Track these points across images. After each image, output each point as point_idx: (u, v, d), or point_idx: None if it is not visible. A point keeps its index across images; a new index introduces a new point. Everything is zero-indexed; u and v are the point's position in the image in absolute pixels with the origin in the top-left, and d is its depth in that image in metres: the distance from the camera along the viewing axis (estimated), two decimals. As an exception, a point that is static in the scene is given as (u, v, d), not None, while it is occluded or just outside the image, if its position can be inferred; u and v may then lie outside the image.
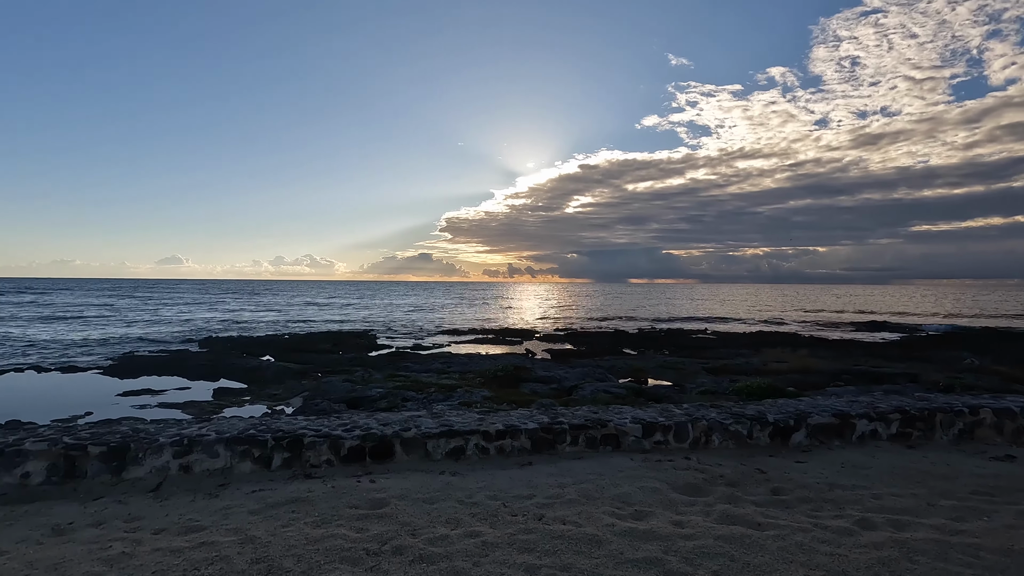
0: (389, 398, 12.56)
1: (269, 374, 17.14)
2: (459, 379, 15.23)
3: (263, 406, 13.46)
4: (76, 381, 16.56)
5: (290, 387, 15.23)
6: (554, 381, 15.26)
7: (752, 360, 20.48)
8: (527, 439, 5.86)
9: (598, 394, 13.09)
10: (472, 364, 17.74)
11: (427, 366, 17.51)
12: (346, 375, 16.24)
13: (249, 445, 5.38)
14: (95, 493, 4.86)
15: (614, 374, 17.51)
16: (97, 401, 13.81)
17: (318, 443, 5.48)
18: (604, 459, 5.74)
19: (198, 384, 16.26)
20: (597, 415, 6.43)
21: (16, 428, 5.74)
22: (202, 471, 5.28)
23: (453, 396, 12.66)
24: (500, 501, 4.56)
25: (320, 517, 4.24)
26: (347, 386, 13.91)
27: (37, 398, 14.13)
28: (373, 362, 19.36)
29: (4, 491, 4.86)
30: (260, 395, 14.50)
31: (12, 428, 5.86)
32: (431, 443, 5.68)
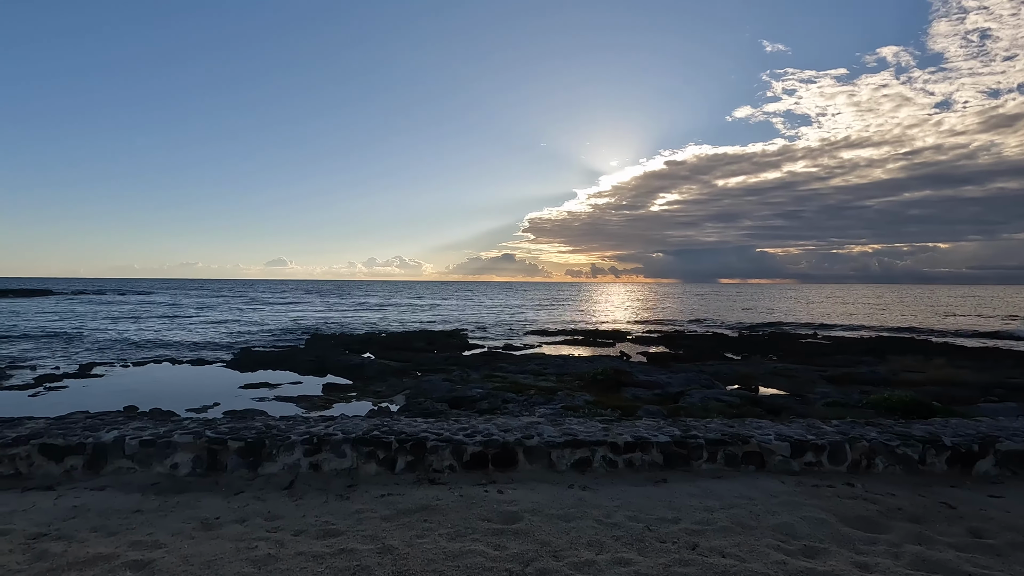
0: (489, 399, 12.47)
1: (371, 371, 17.74)
2: (557, 382, 14.89)
3: (368, 402, 13.88)
4: (204, 373, 18.06)
5: (392, 385, 15.63)
6: (657, 386, 14.50)
7: (877, 369, 18.42)
8: (659, 453, 5.38)
9: (708, 402, 12.22)
10: (568, 366, 17.33)
11: (522, 367, 17.33)
12: (444, 374, 16.44)
13: (374, 447, 5.34)
14: (235, 487, 5.00)
15: (720, 380, 16.40)
16: (222, 393, 14.91)
17: (440, 448, 5.33)
18: (749, 480, 5.12)
19: (308, 379, 17.15)
20: (734, 429, 5.80)
21: (164, 419, 6.11)
22: (330, 470, 5.30)
23: (554, 400, 12.34)
24: (643, 524, 4.13)
25: (454, 529, 4.03)
26: (447, 386, 14.02)
27: (173, 388, 15.53)
28: (468, 362, 19.51)
29: (157, 480, 5.13)
30: (365, 392, 14.98)
31: (159, 419, 6.25)
32: (555, 453, 5.35)
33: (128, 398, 13.96)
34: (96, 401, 13.69)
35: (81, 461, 5.27)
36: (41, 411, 12.90)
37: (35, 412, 13.07)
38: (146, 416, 11.28)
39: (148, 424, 5.85)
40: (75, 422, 5.96)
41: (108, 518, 4.27)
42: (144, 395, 14.33)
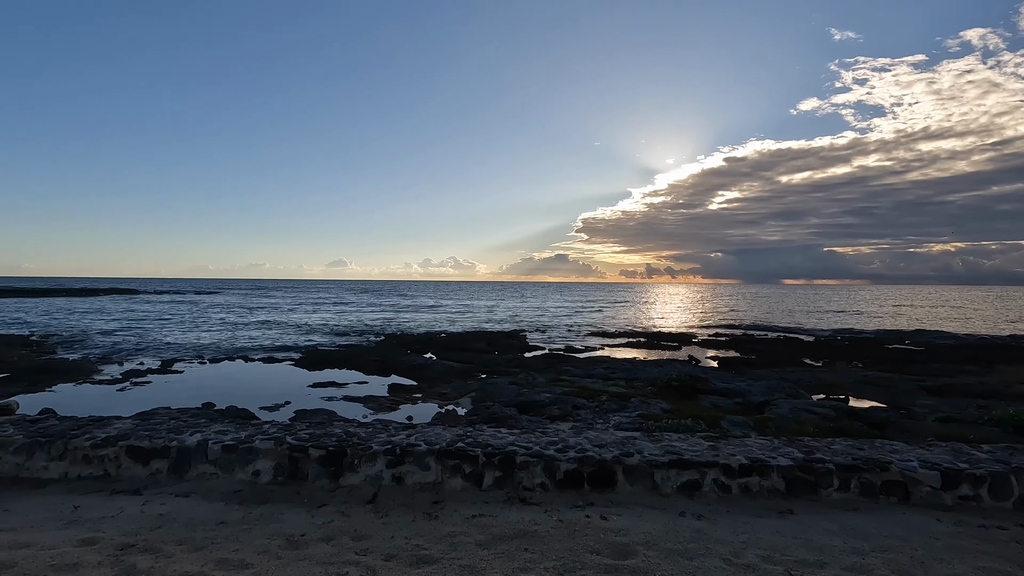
0: (559, 404, 11.96)
1: (435, 372, 17.62)
2: (628, 387, 14.20)
3: (434, 404, 13.69)
4: (274, 371, 18.52)
5: (457, 386, 15.40)
6: (737, 394, 13.54)
7: (986, 379, 16.59)
8: (779, 478, 4.71)
9: (799, 414, 11.21)
10: (637, 371, 16.57)
11: (588, 371, 16.72)
12: (509, 377, 16.07)
13: (460, 460, 4.95)
14: (318, 499, 4.74)
15: (804, 389, 15.17)
16: (293, 391, 15.14)
17: (531, 463, 4.88)
18: (895, 516, 4.37)
19: (373, 379, 17.23)
20: (865, 452, 5.04)
21: (244, 423, 5.97)
22: (414, 483, 4.96)
23: (628, 406, 11.69)
24: (782, 567, 3.51)
25: (560, 562, 3.56)
26: (513, 389, 13.63)
27: (247, 386, 15.95)
28: (531, 364, 19.08)
29: (239, 488, 4.94)
30: (430, 393, 14.82)
31: (238, 421, 6.13)
32: (659, 474, 4.79)
33: (206, 395, 14.40)
34: (177, 397, 14.22)
35: (166, 464, 5.17)
36: (127, 405, 13.51)
37: (121, 406, 13.69)
38: (226, 418, 11.52)
39: (229, 428, 5.73)
40: (159, 423, 5.92)
41: (193, 530, 4.07)
42: (220, 392, 14.76)
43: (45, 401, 13.25)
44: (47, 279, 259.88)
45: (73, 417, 6.18)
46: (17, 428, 5.68)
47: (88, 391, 14.82)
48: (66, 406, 12.97)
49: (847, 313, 60.59)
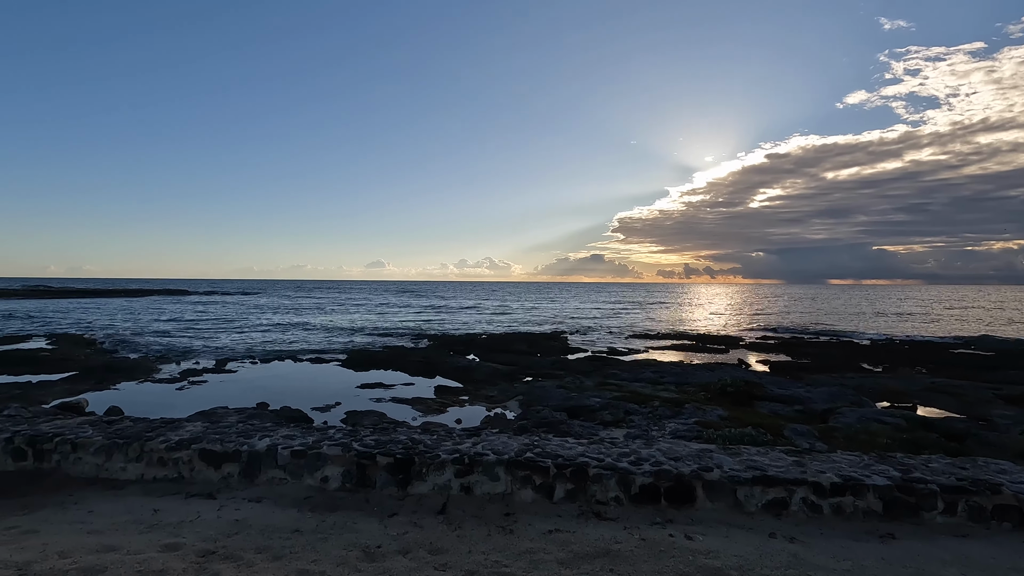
0: (611, 410, 11.70)
1: (480, 374, 17.58)
2: (679, 392, 13.79)
3: (481, 407, 13.62)
4: (323, 371, 18.86)
5: (503, 389, 15.29)
6: (796, 402, 12.96)
7: (1071, 388, 15.41)
8: (876, 499, 4.38)
9: (868, 424, 10.62)
10: (687, 375, 16.10)
11: (636, 375, 16.35)
12: (556, 380, 15.89)
13: (530, 471, 4.81)
14: (387, 507, 4.68)
15: (866, 396, 14.42)
16: (342, 392, 15.36)
17: (605, 476, 4.69)
18: (1012, 544, 3.99)
19: (419, 380, 17.32)
20: (969, 472, 4.64)
21: (309, 428, 5.99)
22: (483, 494, 4.84)
23: (683, 413, 11.32)
24: (898, 601, 3.21)
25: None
26: (561, 393, 13.43)
27: (298, 386, 16.27)
28: (576, 366, 18.83)
29: (309, 494, 4.93)
30: (477, 396, 14.77)
31: (304, 425, 6.15)
32: (742, 491, 4.52)
33: (260, 395, 14.76)
34: (233, 397, 14.61)
35: (237, 469, 5.22)
36: (187, 404, 13.96)
37: (182, 405, 14.16)
38: (281, 418, 11.75)
39: (296, 432, 5.75)
40: (228, 426, 5.99)
41: (270, 537, 4.06)
42: (273, 392, 15.10)
43: (111, 399, 13.83)
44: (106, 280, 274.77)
45: (146, 418, 6.33)
46: (95, 429, 5.84)
47: (150, 389, 15.40)
48: (131, 404, 13.52)
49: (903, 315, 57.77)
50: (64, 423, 6.14)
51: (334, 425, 5.99)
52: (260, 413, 11.56)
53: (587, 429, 10.34)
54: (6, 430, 5.85)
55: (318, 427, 6.03)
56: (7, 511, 4.76)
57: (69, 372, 17.17)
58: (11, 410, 11.49)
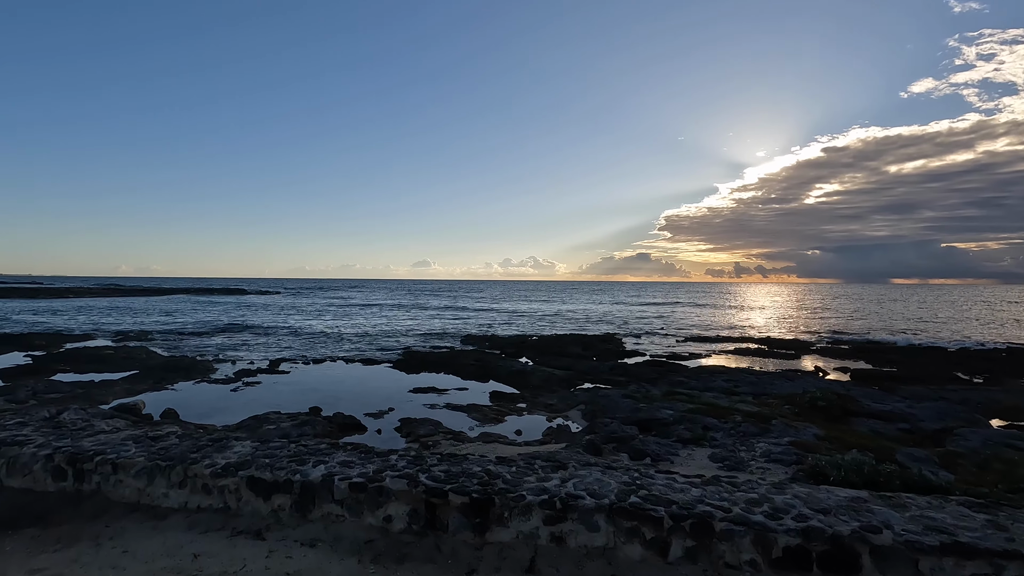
0: (687, 425, 10.57)
1: (536, 380, 16.71)
2: (759, 404, 12.49)
3: (541, 416, 12.74)
4: (374, 374, 18.45)
5: (563, 397, 14.36)
6: (899, 419, 11.45)
7: None
8: None
9: (998, 449, 9.09)
10: (764, 385, 14.70)
11: (707, 383, 15.06)
12: (619, 388, 14.83)
13: (638, 521, 3.87)
14: (463, 560, 3.85)
15: (976, 412, 12.67)
16: (394, 396, 14.82)
17: (736, 534, 3.70)
18: None
19: (472, 385, 16.62)
20: None
21: (369, 453, 5.25)
22: (579, 547, 3.94)
23: (771, 430, 10.07)
24: None
25: None
26: (629, 403, 12.37)
27: (350, 388, 15.85)
28: (637, 372, 17.67)
29: (371, 537, 4.17)
30: (535, 404, 13.89)
31: (363, 450, 5.41)
32: (927, 562, 3.44)
33: (312, 398, 14.41)
34: (285, 400, 14.30)
35: (289, 501, 4.52)
36: (239, 408, 13.71)
37: (234, 408, 13.93)
38: (332, 424, 11.23)
39: (353, 457, 5.02)
40: (279, 447, 5.34)
41: (328, 602, 3.30)
42: (325, 395, 14.73)
43: (167, 400, 13.76)
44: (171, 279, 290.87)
45: (192, 436, 5.77)
46: (138, 447, 5.31)
47: (205, 390, 15.32)
48: (185, 406, 13.38)
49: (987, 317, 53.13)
50: (108, 438, 5.65)
51: (397, 451, 5.22)
52: (312, 419, 11.06)
53: (664, 447, 9.28)
54: (48, 445, 5.39)
55: (379, 452, 5.28)
56: (41, 543, 4.23)
57: (130, 371, 17.40)
58: (70, 412, 11.45)
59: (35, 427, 6.14)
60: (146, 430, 5.92)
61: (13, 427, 6.20)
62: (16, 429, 6.08)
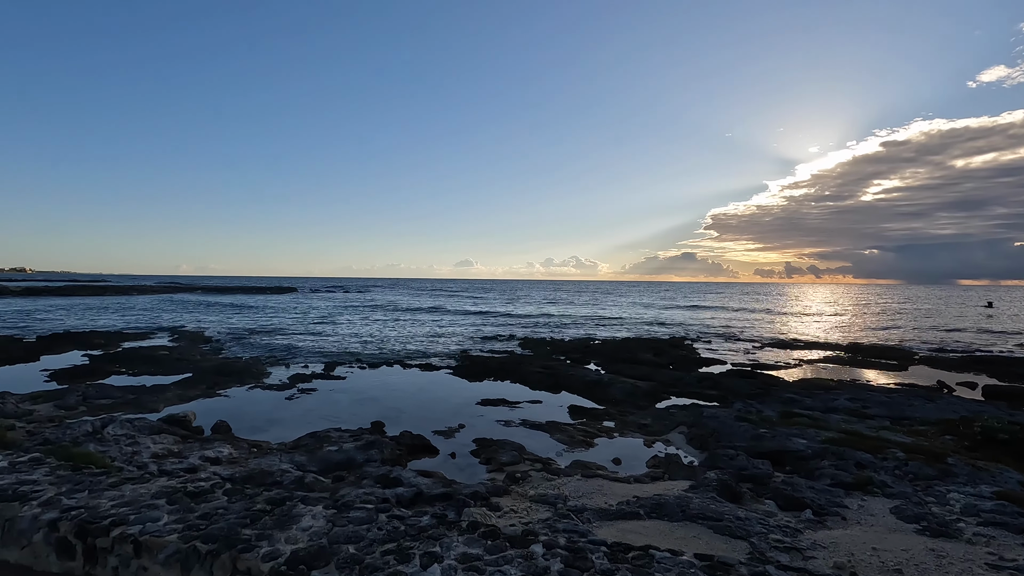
0: (833, 460, 8.49)
1: (617, 392, 14.83)
2: (909, 433, 10.23)
3: (637, 440, 10.87)
4: (435, 381, 16.98)
5: (656, 415, 12.43)
6: (1107, 458, 8.97)
7: None
8: None
9: None
10: (900, 406, 12.33)
11: (826, 402, 12.81)
12: (720, 404, 12.80)
13: None
14: None
15: None
16: (462, 410, 13.27)
17: None
18: None
19: (544, 397, 14.89)
20: None
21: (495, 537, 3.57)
22: None
23: (953, 474, 7.87)
24: None
25: None
26: (746, 429, 10.34)
27: (411, 398, 14.39)
28: (732, 386, 15.50)
29: None
30: (625, 423, 12.03)
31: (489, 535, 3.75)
32: None
33: (372, 410, 13.02)
34: (344, 411, 12.95)
35: (389, 627, 2.89)
36: (296, 420, 12.32)
37: (290, 420, 12.55)
38: (401, 446, 9.71)
39: (479, 549, 3.35)
40: (366, 520, 3.74)
41: None
42: (386, 406, 13.32)
43: (219, 410, 12.65)
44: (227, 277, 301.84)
45: (244, 493, 4.22)
46: (172, 512, 3.80)
47: (258, 398, 14.18)
48: (238, 417, 12.20)
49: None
50: (135, 493, 4.18)
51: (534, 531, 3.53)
52: (378, 440, 9.57)
53: (822, 494, 7.27)
54: (55, 503, 3.96)
55: (511, 536, 3.59)
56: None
57: (183, 374, 16.56)
58: (115, 425, 10.36)
59: (49, 469, 4.73)
60: (186, 481, 4.38)
61: (25, 467, 4.82)
62: (26, 471, 4.69)
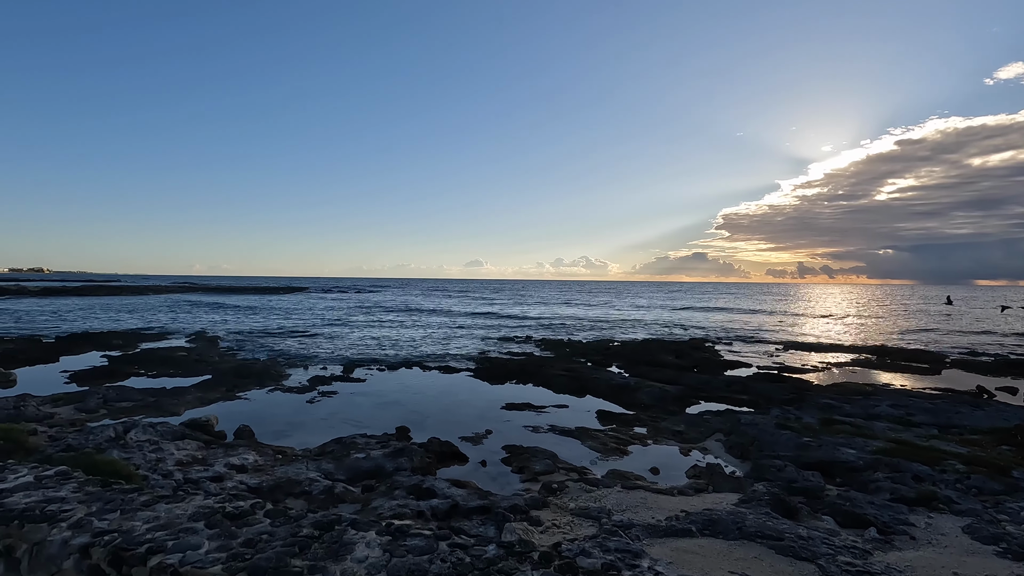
0: (885, 471, 8.03)
1: (645, 397, 14.41)
2: (963, 442, 9.72)
3: (673, 447, 10.46)
4: (456, 384, 16.65)
5: (690, 421, 11.99)
6: None
7: None
8: None
9: None
10: (945, 413, 11.79)
11: (867, 408, 12.30)
12: (758, 411, 12.35)
13: None
14: None
15: None
16: (487, 414, 12.92)
17: None
18: None
19: (570, 401, 14.51)
20: None
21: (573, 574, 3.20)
22: None
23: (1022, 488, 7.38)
24: None
25: None
26: (790, 437, 9.88)
27: (434, 402, 14.07)
28: (763, 390, 15.01)
29: None
30: (658, 429, 11.61)
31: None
32: None
33: (396, 413, 12.71)
34: (366, 413, 12.66)
35: None
36: (319, 424, 12.03)
37: (313, 423, 12.27)
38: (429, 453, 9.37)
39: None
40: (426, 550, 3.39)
41: None
42: (410, 410, 13.01)
43: (240, 413, 12.40)
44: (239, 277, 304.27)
45: (287, 515, 3.89)
46: (212, 534, 3.49)
47: (279, 401, 13.93)
48: (260, 420, 11.91)
49: None
50: (170, 514, 3.87)
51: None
52: (406, 447, 9.24)
53: (884, 510, 6.83)
54: (86, 525, 3.67)
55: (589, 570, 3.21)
56: None
57: (202, 376, 16.39)
58: (137, 430, 10.13)
59: (77, 484, 4.43)
60: (224, 501, 4.07)
61: (52, 482, 4.53)
62: (53, 487, 4.40)
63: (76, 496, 4.17)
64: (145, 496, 4.21)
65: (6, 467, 4.94)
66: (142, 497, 4.18)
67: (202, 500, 4.15)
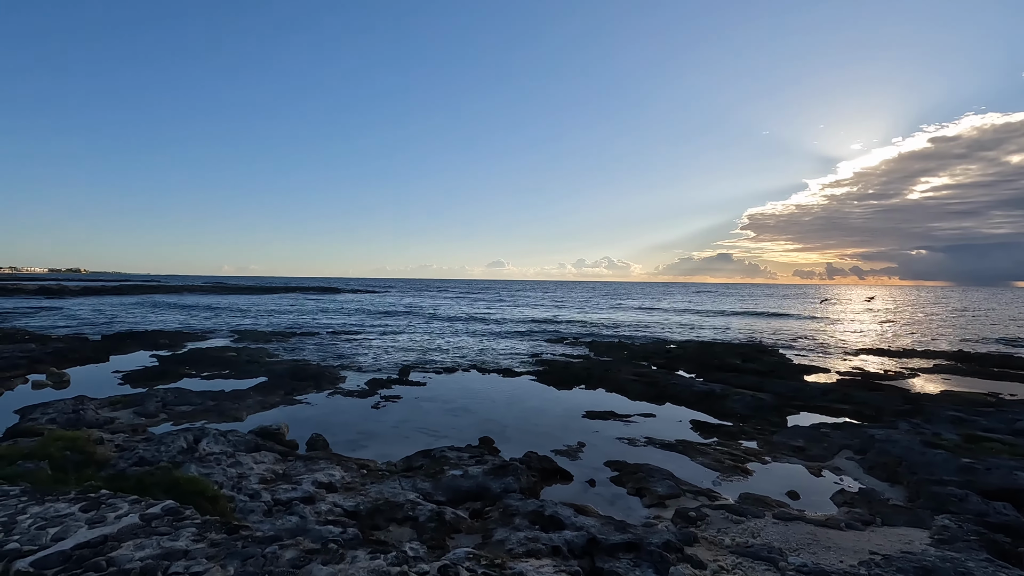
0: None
1: (736, 406, 13.16)
2: None
3: (796, 465, 9.21)
4: (520, 388, 15.59)
5: (811, 437, 10.69)
6: None
7: None
8: None
9: None
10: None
11: (1010, 424, 10.84)
12: (877, 423, 11.00)
13: None
14: None
15: None
16: (569, 423, 11.83)
17: None
18: None
19: (655, 409, 13.31)
20: None
21: None
22: None
23: None
24: None
25: None
26: (942, 456, 8.54)
27: (508, 410, 12.99)
28: (863, 399, 13.61)
29: None
30: (772, 445, 10.36)
31: None
32: None
33: (468, 420, 11.72)
34: (437, 420, 11.70)
35: None
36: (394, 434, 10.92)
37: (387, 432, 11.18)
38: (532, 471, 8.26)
39: None
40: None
41: None
42: (481, 418, 12.00)
43: (306, 419, 11.53)
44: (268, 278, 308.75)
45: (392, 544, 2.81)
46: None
47: (342, 406, 13.05)
48: (329, 428, 10.93)
49: None
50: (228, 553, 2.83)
51: None
52: (510, 465, 8.17)
53: None
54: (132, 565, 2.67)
55: None
56: None
57: (257, 378, 15.66)
58: (208, 440, 9.26)
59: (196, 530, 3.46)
60: (392, 564, 3.04)
61: (163, 525, 3.60)
62: (167, 531, 3.47)
63: (201, 548, 3.19)
64: (290, 552, 3.21)
65: (101, 501, 4.00)
66: (286, 554, 3.19)
67: (367, 563, 3.14)
